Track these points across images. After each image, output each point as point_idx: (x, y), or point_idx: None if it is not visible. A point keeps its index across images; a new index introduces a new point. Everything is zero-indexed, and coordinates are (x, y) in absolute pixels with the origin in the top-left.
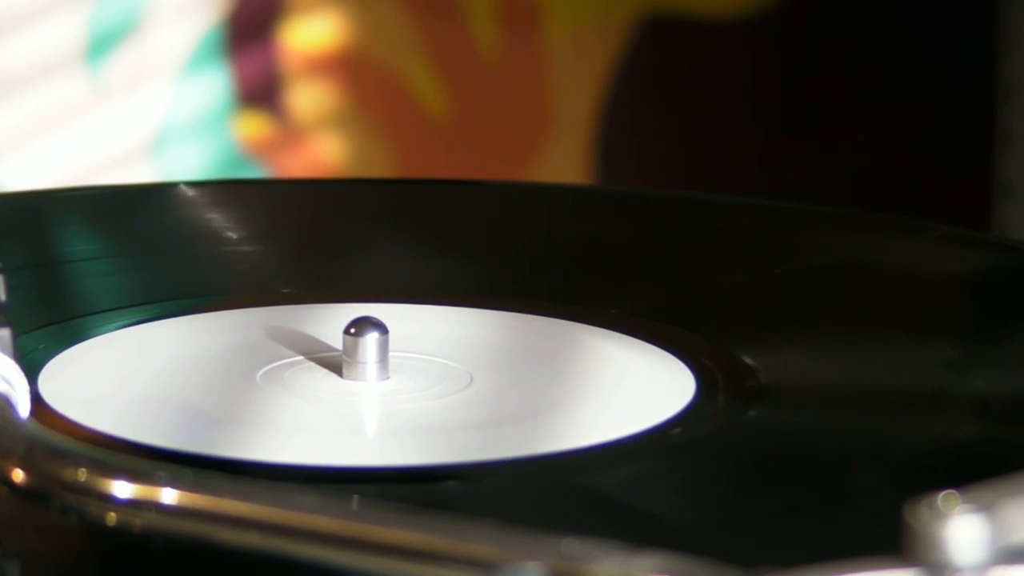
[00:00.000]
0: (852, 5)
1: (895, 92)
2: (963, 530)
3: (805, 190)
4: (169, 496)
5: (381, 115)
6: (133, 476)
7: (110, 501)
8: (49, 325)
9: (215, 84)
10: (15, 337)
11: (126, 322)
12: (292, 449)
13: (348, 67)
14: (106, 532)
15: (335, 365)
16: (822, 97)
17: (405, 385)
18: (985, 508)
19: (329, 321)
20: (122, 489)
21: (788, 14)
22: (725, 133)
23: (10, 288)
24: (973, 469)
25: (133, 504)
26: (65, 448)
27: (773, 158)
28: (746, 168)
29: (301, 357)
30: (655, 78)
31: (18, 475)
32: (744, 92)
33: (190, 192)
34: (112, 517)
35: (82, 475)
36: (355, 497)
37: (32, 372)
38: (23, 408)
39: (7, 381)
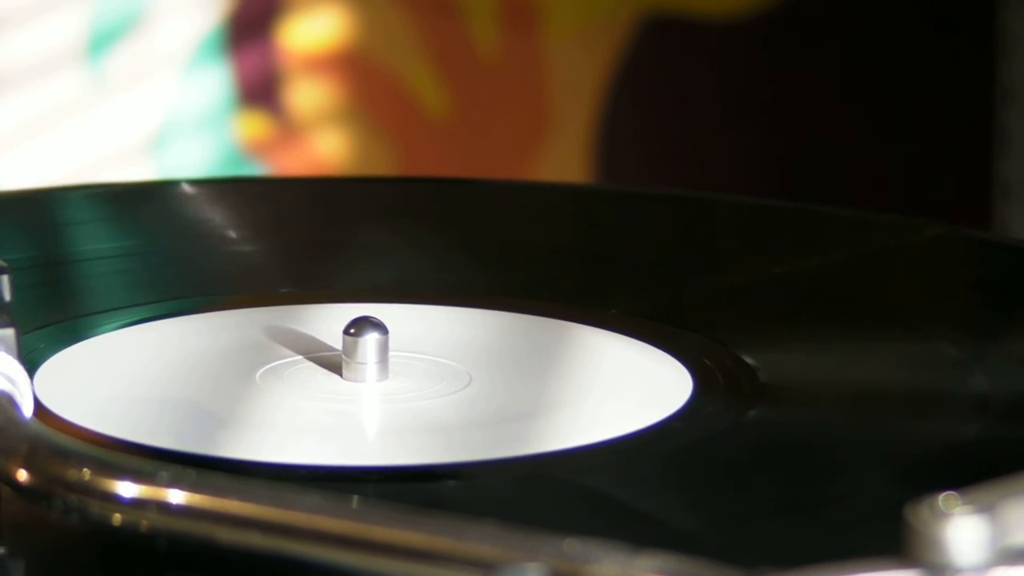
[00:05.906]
0: (852, 6)
1: (895, 92)
2: (963, 530)
3: (805, 189)
4: (172, 496)
5: (381, 114)
6: (136, 476)
7: (113, 501)
8: (49, 325)
9: (215, 82)
10: (19, 336)
11: (126, 322)
12: (292, 449)
13: (348, 66)
14: (109, 532)
15: (335, 365)
16: (822, 97)
17: (405, 385)
18: (985, 508)
19: (329, 321)
20: (125, 489)
21: (788, 14)
22: (725, 133)
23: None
24: (973, 469)
25: (135, 504)
26: (68, 448)
27: (773, 158)
28: (746, 168)
29: (301, 357)
30: (655, 78)
31: (21, 475)
32: (744, 92)
33: (191, 190)
34: (116, 517)
35: (85, 475)
36: (355, 497)
37: (30, 371)
38: (27, 407)
39: (11, 380)
